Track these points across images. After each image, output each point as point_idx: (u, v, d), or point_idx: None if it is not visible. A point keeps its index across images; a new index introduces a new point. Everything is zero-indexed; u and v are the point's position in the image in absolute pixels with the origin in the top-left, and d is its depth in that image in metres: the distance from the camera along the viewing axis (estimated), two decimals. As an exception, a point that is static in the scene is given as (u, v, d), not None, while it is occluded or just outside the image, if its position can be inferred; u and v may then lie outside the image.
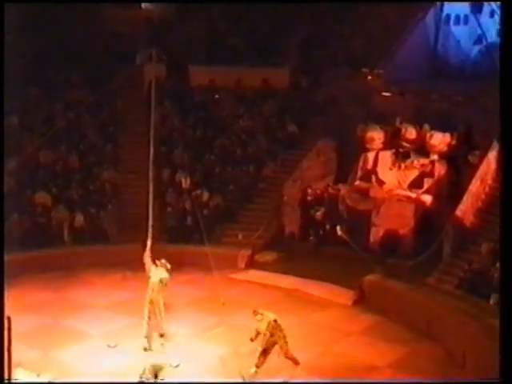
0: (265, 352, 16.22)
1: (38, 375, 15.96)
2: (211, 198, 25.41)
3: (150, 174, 17.54)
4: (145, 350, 17.50)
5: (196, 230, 23.99)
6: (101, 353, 17.66)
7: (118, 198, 25.82)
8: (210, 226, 23.82)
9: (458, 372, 16.58)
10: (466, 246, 21.18)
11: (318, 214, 23.90)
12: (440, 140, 23.41)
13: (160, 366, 15.92)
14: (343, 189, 24.13)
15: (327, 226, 23.63)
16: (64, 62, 29.07)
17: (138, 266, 18.77)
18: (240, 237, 24.24)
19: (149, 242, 18.05)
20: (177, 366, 16.81)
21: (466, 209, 21.75)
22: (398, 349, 18.07)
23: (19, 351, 12.74)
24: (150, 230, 18.04)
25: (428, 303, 19.50)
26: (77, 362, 17.16)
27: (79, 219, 24.54)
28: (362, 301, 20.78)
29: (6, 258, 19.85)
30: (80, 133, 27.70)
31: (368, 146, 24.47)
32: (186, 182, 24.90)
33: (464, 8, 28.60)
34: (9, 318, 11.32)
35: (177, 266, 21.74)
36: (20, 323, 12.08)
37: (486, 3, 27.81)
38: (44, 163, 26.42)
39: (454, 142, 23.42)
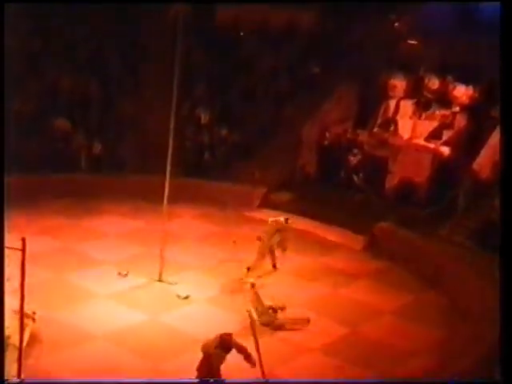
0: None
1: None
2: (230, 135, 25.34)
3: (173, 106, 17.36)
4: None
5: (213, 166, 24.42)
6: (112, 278, 17.88)
7: (137, 128, 25.76)
8: (227, 162, 23.88)
9: (461, 323, 16.62)
10: (480, 199, 21.02)
11: (353, 159, 23.71)
12: (463, 92, 23.19)
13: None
14: (362, 135, 23.99)
15: (360, 175, 23.48)
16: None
17: (153, 197, 18.81)
18: (257, 175, 24.01)
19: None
20: (186, 297, 17.05)
21: (483, 162, 21.58)
22: (403, 296, 18.14)
23: (32, 272, 12.84)
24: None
25: (438, 253, 19.47)
26: (88, 285, 17.42)
27: (97, 147, 24.56)
28: (373, 246, 20.79)
29: (23, 179, 20.36)
30: (103, 61, 27.50)
31: (390, 93, 24.28)
32: (205, 118, 24.82)
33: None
34: (23, 240, 11.40)
35: (192, 200, 22.42)
36: (33, 245, 12.16)
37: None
38: (65, 89, 26.28)
39: (476, 95, 23.17)
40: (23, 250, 11.43)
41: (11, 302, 11.55)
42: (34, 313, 14.37)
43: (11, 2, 13.97)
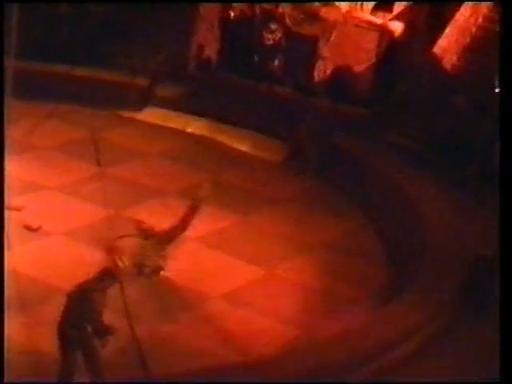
0: None
1: None
2: (96, 4, 24.38)
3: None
4: None
5: (75, 47, 23.77)
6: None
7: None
8: (95, 41, 23.61)
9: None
10: (442, 95, 21.00)
11: (270, 38, 23.19)
12: None
13: None
14: (283, 4, 23.27)
15: (277, 60, 23.08)
16: None
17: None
18: (136, 62, 23.66)
19: None
20: (37, 228, 16.84)
21: (447, 45, 21.49)
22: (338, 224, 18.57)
23: None
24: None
25: (378, 165, 19.92)
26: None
27: None
28: (296, 158, 20.88)
29: None
30: None
31: None
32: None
33: None
34: None
35: (43, 93, 21.74)
36: None
37: None
38: None
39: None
40: None
41: None
42: None
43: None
